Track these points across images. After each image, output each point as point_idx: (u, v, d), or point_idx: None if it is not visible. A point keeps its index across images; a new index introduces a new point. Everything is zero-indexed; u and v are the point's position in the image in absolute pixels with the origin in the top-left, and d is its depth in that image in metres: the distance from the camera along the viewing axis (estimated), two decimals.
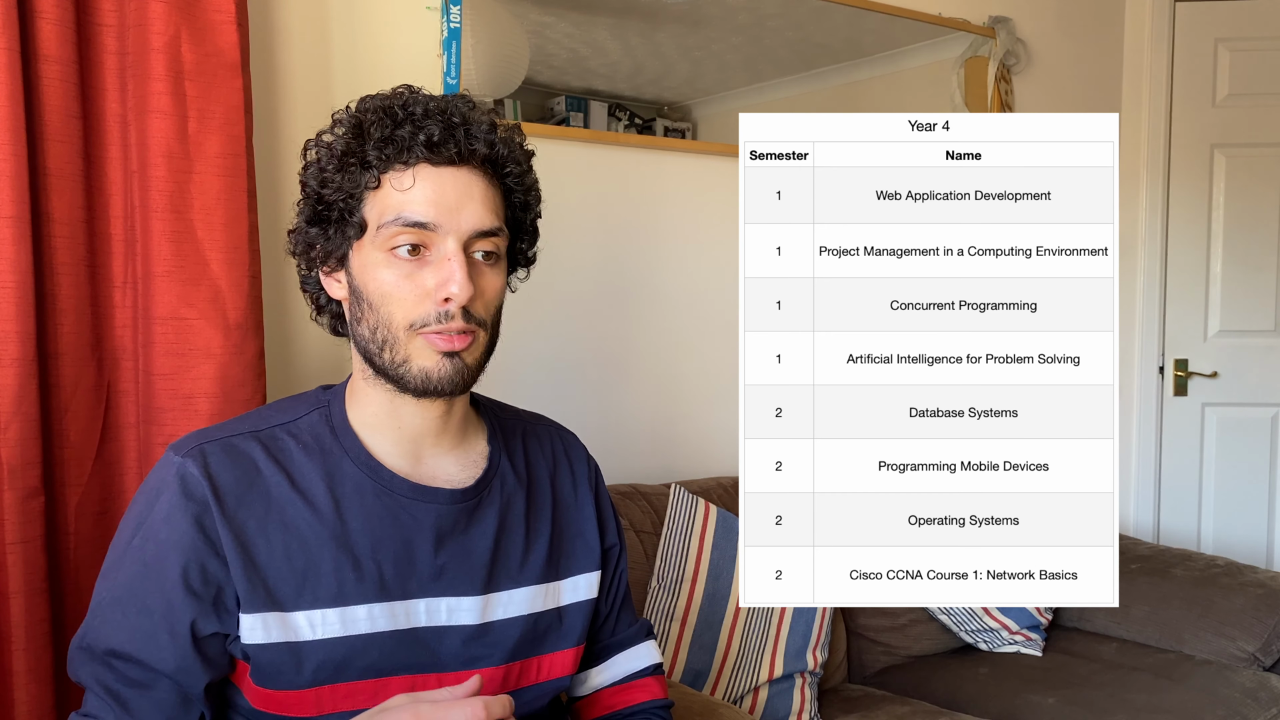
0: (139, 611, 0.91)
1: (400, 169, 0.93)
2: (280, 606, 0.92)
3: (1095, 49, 2.95)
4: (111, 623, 0.92)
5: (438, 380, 0.93)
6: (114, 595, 0.93)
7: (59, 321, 1.34)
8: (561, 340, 2.00)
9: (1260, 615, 2.13)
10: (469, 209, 0.93)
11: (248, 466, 0.95)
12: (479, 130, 0.94)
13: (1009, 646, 2.19)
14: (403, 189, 0.92)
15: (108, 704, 0.90)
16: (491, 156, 0.95)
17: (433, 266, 0.92)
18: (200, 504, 0.92)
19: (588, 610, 1.08)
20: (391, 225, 0.92)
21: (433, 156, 0.92)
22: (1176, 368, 3.04)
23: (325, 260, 0.98)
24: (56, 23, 1.30)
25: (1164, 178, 3.01)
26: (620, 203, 2.08)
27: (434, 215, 0.92)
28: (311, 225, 0.97)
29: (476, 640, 0.99)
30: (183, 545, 0.91)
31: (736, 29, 2.22)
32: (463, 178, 0.94)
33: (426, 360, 0.93)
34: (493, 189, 0.96)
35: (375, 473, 0.98)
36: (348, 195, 0.94)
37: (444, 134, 0.92)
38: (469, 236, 0.93)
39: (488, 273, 0.95)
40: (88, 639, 0.93)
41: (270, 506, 0.94)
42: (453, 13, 1.79)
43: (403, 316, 0.92)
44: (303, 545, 0.94)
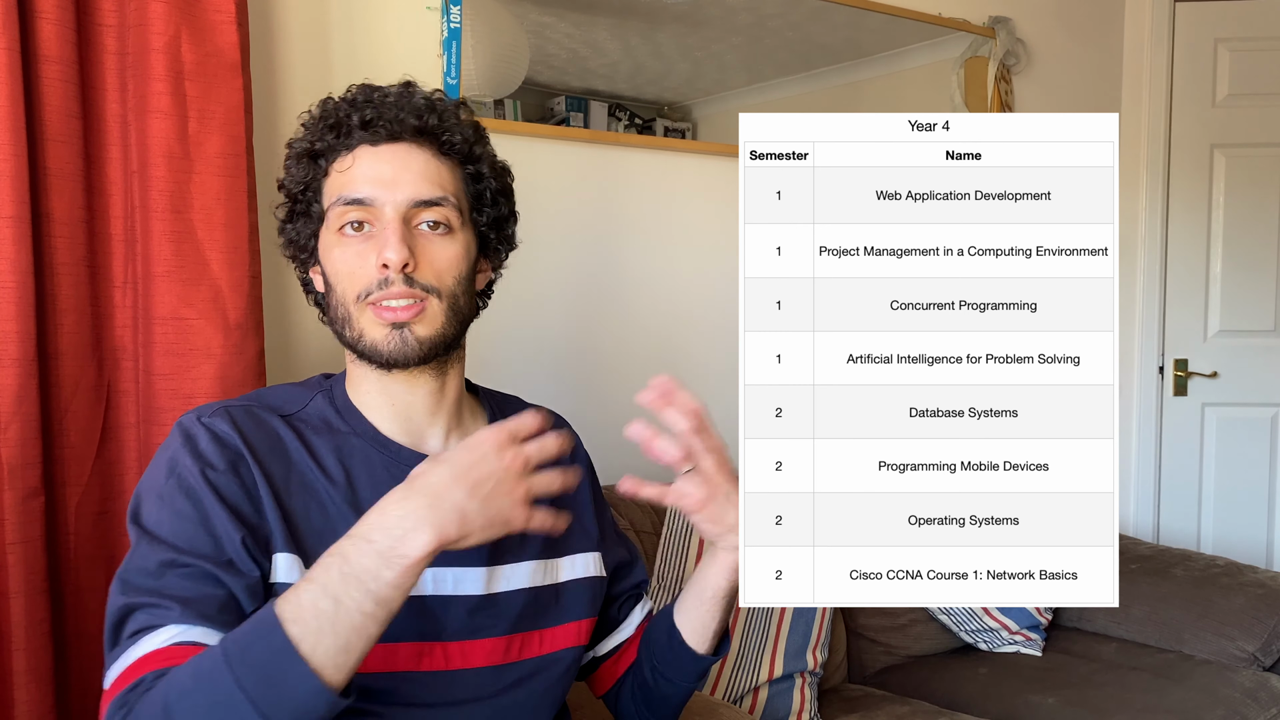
0: (192, 521, 0.89)
1: (344, 154, 0.98)
2: (305, 558, 0.93)
3: (1095, 49, 2.95)
4: (165, 535, 0.89)
5: (387, 353, 0.96)
6: (161, 519, 0.90)
7: (59, 321, 1.34)
8: (561, 340, 2.00)
9: (1260, 615, 2.13)
10: (405, 182, 0.97)
11: (269, 431, 0.97)
12: (410, 105, 0.98)
13: (1009, 646, 2.19)
14: (344, 170, 0.98)
15: (165, 607, 0.84)
16: (423, 127, 0.98)
17: (375, 239, 0.96)
18: (234, 451, 0.93)
19: (589, 586, 1.10)
20: (336, 205, 0.97)
21: (368, 136, 0.98)
22: (1176, 368, 3.04)
23: (304, 254, 1.04)
24: (56, 23, 1.30)
25: (1164, 178, 3.01)
26: (620, 203, 2.08)
27: (369, 190, 0.96)
28: (287, 223, 1.04)
29: (481, 611, 1.00)
30: (222, 482, 0.91)
31: (736, 29, 2.22)
32: (400, 151, 0.98)
33: (376, 333, 0.97)
34: (437, 160, 1.00)
35: (383, 446, 1.01)
36: (305, 187, 1.00)
37: (374, 113, 0.97)
38: (407, 207, 0.97)
39: (436, 241, 0.98)
40: (134, 564, 0.88)
41: (292, 469, 0.96)
42: (453, 13, 1.79)
43: (352, 290, 0.97)
44: (321, 508, 0.95)
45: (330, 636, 0.77)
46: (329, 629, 0.77)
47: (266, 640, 0.77)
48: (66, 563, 1.36)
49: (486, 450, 0.84)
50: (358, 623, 0.78)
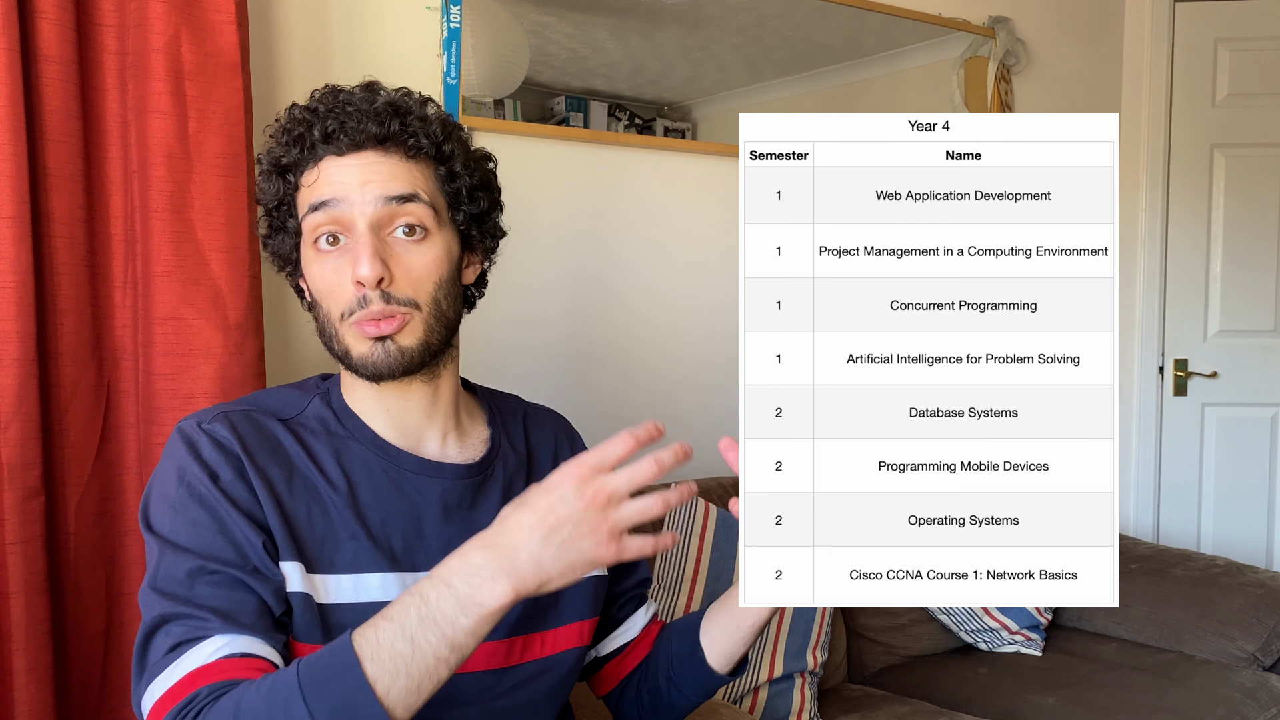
0: (211, 529, 0.90)
1: (310, 167, 0.97)
2: (307, 564, 0.93)
3: (1095, 49, 2.95)
4: (186, 543, 0.89)
5: (373, 366, 0.95)
6: (179, 528, 0.90)
7: (59, 321, 1.34)
8: (561, 340, 2.00)
9: (1260, 615, 2.13)
10: (371, 186, 0.95)
11: (269, 435, 0.97)
12: (371, 112, 0.96)
13: (1009, 646, 2.19)
14: (310, 184, 0.96)
15: (203, 619, 0.85)
16: (385, 134, 0.96)
17: (350, 253, 0.94)
18: (235, 458, 0.93)
19: (590, 586, 1.09)
20: (309, 217, 0.96)
21: (331, 148, 0.95)
22: (1176, 368, 3.04)
23: (289, 266, 1.03)
24: (56, 23, 1.31)
25: (1164, 178, 3.01)
26: (620, 203, 2.08)
27: (335, 192, 0.94)
28: (268, 237, 1.03)
29: None
30: (233, 490, 0.92)
31: (736, 29, 2.22)
32: (365, 159, 0.96)
33: (361, 347, 0.96)
34: (405, 163, 0.97)
35: (382, 450, 1.00)
36: (279, 203, 0.99)
37: (335, 123, 0.95)
38: (377, 210, 0.94)
39: (412, 249, 0.96)
40: (161, 574, 0.88)
41: (293, 472, 0.96)
42: (453, 13, 1.79)
43: (335, 308, 0.96)
44: (323, 511, 0.95)
45: (405, 678, 0.78)
46: (404, 671, 0.78)
47: (343, 677, 0.77)
48: (66, 563, 1.36)
49: (565, 490, 0.81)
50: (430, 666, 0.78)
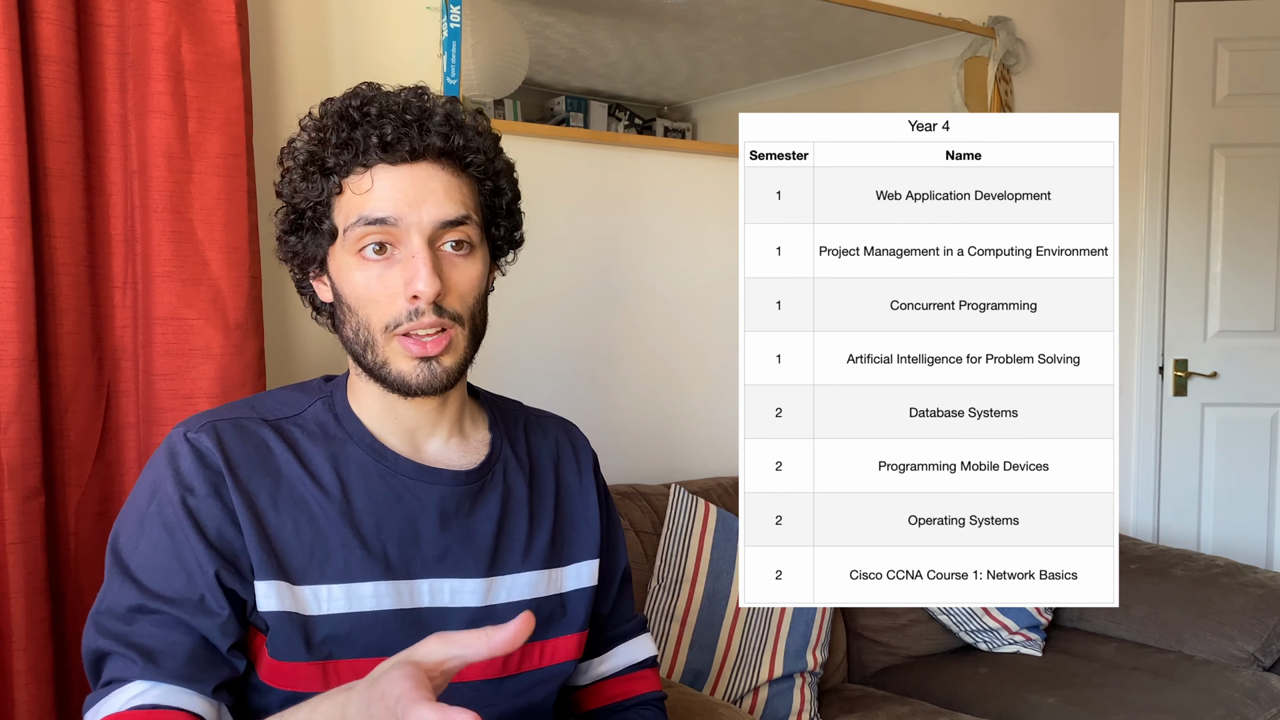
0: (167, 555, 0.90)
1: (360, 171, 0.94)
2: (290, 579, 0.93)
3: (1095, 49, 2.95)
4: (137, 572, 0.90)
5: (415, 385, 0.95)
6: (137, 549, 0.91)
7: (59, 321, 1.34)
8: (561, 340, 2.00)
9: (1260, 615, 2.13)
10: (430, 202, 0.93)
11: (258, 444, 0.96)
12: (434, 124, 0.94)
13: (1009, 646, 2.19)
14: (362, 191, 0.93)
15: (131, 660, 0.87)
16: (448, 149, 0.95)
17: (400, 265, 0.93)
18: (215, 473, 0.93)
19: (590, 597, 1.09)
20: (356, 227, 0.93)
21: (388, 156, 0.93)
22: (1176, 368, 3.04)
23: (308, 266, 1.00)
24: (56, 23, 1.30)
25: (1164, 178, 3.01)
26: (620, 203, 2.08)
27: (393, 210, 0.92)
28: (290, 234, 1.00)
29: (479, 623, 0.99)
30: (202, 510, 0.92)
31: (736, 29, 2.22)
32: (421, 172, 0.94)
33: (403, 365, 0.95)
34: (457, 178, 0.96)
35: (380, 455, 0.99)
36: (315, 203, 0.96)
37: (397, 133, 0.93)
38: (433, 230, 0.93)
39: (460, 264, 0.96)
40: (106, 603, 0.91)
41: (280, 483, 0.95)
42: (453, 13, 1.79)
43: (378, 319, 0.94)
44: (312, 521, 0.95)
45: None
46: None
47: None
48: (66, 563, 1.36)
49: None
50: None
